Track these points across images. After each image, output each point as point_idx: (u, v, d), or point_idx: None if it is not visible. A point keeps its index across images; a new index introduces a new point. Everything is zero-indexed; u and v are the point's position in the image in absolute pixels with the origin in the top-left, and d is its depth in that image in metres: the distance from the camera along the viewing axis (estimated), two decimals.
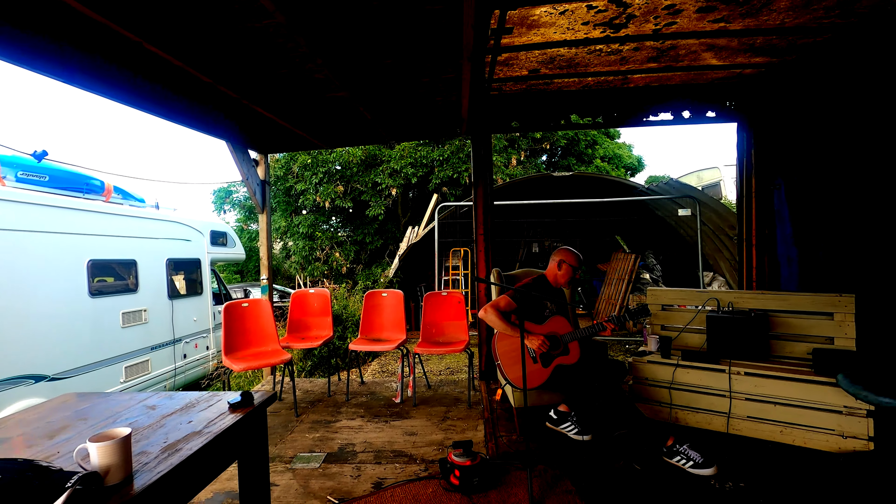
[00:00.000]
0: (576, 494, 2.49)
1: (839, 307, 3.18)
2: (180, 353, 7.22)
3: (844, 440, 2.83)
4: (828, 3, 2.92)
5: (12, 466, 1.05)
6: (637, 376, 3.43)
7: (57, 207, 5.19)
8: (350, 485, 2.72)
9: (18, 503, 0.97)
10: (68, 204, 5.35)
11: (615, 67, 3.95)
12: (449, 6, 2.40)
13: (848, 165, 3.71)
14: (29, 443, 1.35)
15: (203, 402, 1.66)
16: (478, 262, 4.64)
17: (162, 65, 2.94)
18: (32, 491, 1.00)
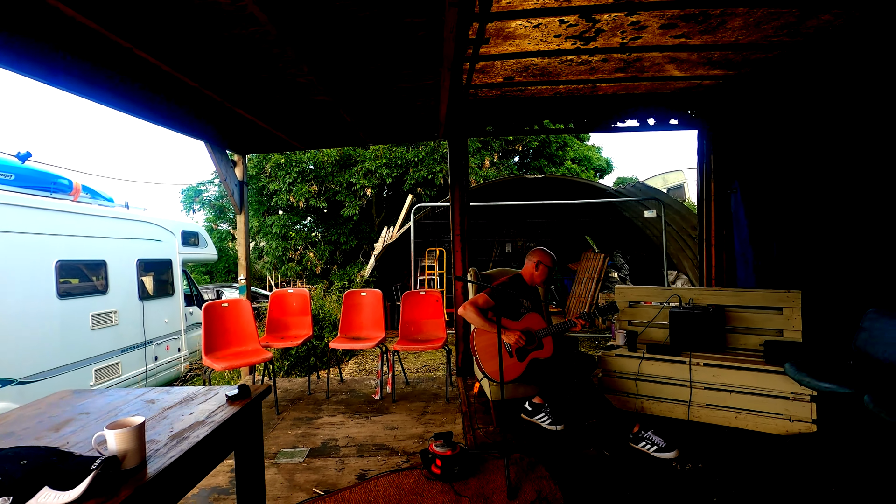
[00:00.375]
0: (550, 479, 2.66)
1: (787, 302, 3.47)
2: (151, 356, 7.10)
3: (791, 423, 3.09)
4: (776, 23, 3.18)
5: (36, 452, 1.12)
6: (606, 369, 3.64)
7: (23, 207, 5.06)
8: (335, 477, 2.81)
9: (46, 484, 1.05)
10: (35, 203, 5.22)
11: (585, 76, 4.16)
12: (430, 18, 2.52)
13: (795, 172, 4.03)
14: (36, 435, 1.41)
15: (201, 395, 1.74)
16: (455, 262, 4.78)
17: (148, 68, 2.96)
18: (58, 473, 1.08)
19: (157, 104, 3.36)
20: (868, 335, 2.95)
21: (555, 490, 2.55)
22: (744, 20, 3.15)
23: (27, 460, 1.09)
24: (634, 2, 2.83)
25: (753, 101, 4.34)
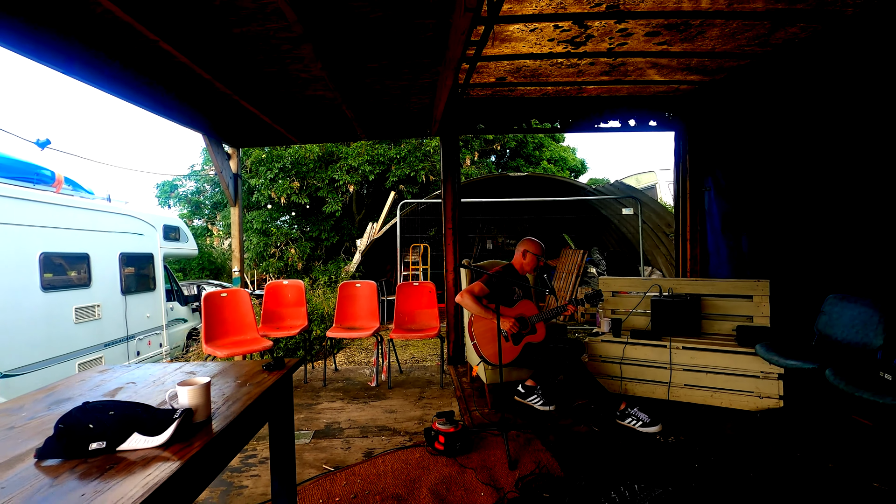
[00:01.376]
0: (546, 451, 2.87)
1: (757, 290, 3.77)
2: (134, 350, 7.02)
3: (761, 400, 3.39)
4: (749, 34, 3.47)
5: (121, 405, 1.24)
6: (592, 354, 3.88)
7: (7, 197, 4.97)
8: (342, 455, 2.95)
9: (136, 431, 1.17)
10: (19, 194, 5.13)
11: (572, 78, 4.39)
12: (440, 20, 2.69)
13: (763, 171, 4.35)
14: (95, 398, 1.51)
15: (237, 366, 1.86)
16: (446, 255, 4.95)
17: (156, 57, 3.02)
18: (144, 422, 1.20)
19: (161, 95, 3.42)
20: (828, 318, 3.27)
21: (552, 461, 2.75)
22: (720, 30, 3.42)
23: (114, 411, 1.21)
24: (624, 10, 3.06)
25: (726, 106, 4.66)
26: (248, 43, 2.88)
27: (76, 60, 2.61)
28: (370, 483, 2.60)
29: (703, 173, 5.03)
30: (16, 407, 1.50)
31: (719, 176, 4.86)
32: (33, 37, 2.37)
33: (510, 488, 2.46)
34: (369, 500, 2.42)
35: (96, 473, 1.05)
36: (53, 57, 2.45)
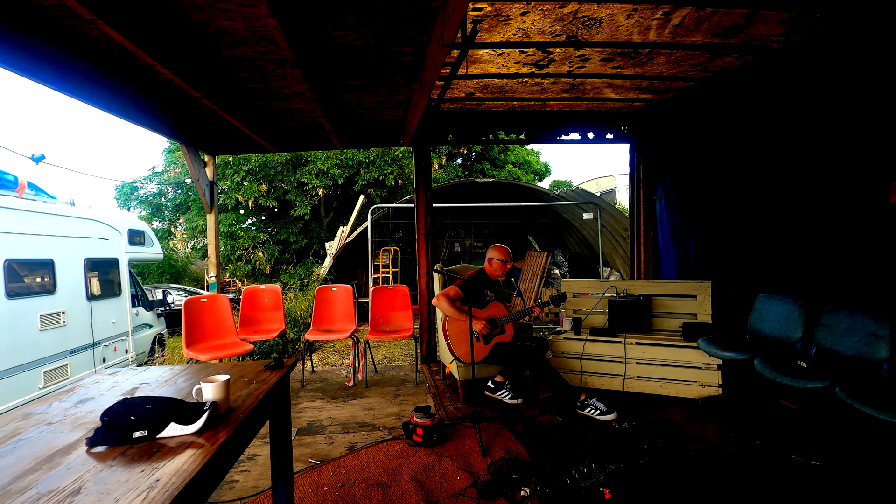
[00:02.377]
0: (515, 439, 3.16)
1: (700, 291, 4.21)
2: (100, 357, 6.90)
3: (703, 388, 3.80)
4: (692, 61, 3.89)
5: (156, 399, 1.43)
6: (555, 351, 4.21)
7: None
8: (326, 450, 3.15)
9: (173, 420, 1.37)
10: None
11: (536, 95, 4.73)
12: (417, 48, 2.95)
13: (704, 182, 4.82)
14: (117, 397, 1.69)
15: (241, 366, 2.05)
16: (419, 259, 5.20)
17: (144, 73, 3.14)
18: (179, 413, 1.40)
19: (143, 107, 3.52)
20: (758, 314, 3.72)
21: (520, 447, 3.05)
22: (667, 57, 3.82)
23: (152, 404, 1.40)
24: (581, 40, 3.40)
25: (674, 122, 5.12)
26: (235, 63, 3.05)
27: (70, 76, 2.71)
28: (355, 473, 2.82)
29: (655, 183, 5.48)
30: (43, 406, 1.66)
31: (668, 185, 5.31)
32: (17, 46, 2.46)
33: (483, 472, 2.74)
34: (356, 488, 2.65)
35: (145, 456, 1.26)
36: (48, 75, 2.55)
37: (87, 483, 1.11)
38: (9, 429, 1.46)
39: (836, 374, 2.83)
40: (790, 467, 2.72)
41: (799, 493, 2.43)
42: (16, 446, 1.33)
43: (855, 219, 3.22)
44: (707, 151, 4.79)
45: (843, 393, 2.55)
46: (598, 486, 2.31)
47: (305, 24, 2.58)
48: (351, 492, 2.61)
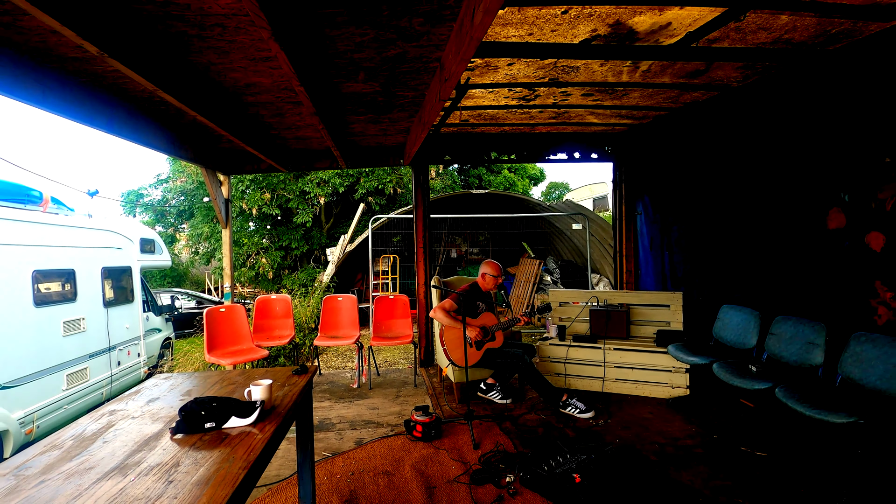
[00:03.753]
0: (504, 434, 3.60)
1: (673, 301, 4.65)
2: (115, 361, 7.30)
3: (673, 389, 4.24)
4: (664, 95, 4.33)
5: (221, 399, 1.86)
6: (542, 355, 4.65)
7: (3, 219, 5.28)
8: (337, 444, 3.58)
9: (233, 414, 1.80)
10: (13, 216, 5.43)
11: (526, 121, 5.17)
12: (418, 93, 3.38)
13: (677, 200, 5.26)
14: (179, 399, 2.11)
15: (273, 371, 2.48)
16: (417, 271, 5.63)
17: (167, 109, 3.56)
18: (237, 408, 1.82)
19: (171, 139, 3.95)
20: (721, 323, 4.16)
21: (508, 442, 3.48)
22: (641, 93, 4.27)
23: (216, 402, 1.82)
24: (563, 81, 3.84)
25: (651, 145, 5.57)
26: (258, 105, 3.47)
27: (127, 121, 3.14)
28: (363, 464, 3.24)
29: (636, 199, 5.93)
30: (122, 404, 2.08)
31: (647, 202, 5.76)
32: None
33: (475, 463, 3.16)
34: (364, 476, 3.07)
35: (217, 441, 1.68)
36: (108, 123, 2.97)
37: (183, 459, 1.54)
38: (103, 421, 1.88)
39: (781, 377, 3.27)
40: (739, 457, 3.16)
41: (740, 477, 2.87)
42: (116, 434, 1.75)
43: (801, 240, 3.67)
44: (680, 173, 5.23)
45: (780, 393, 2.99)
46: (571, 473, 2.74)
47: (324, 82, 3.01)
48: (360, 479, 3.03)
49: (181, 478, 1.42)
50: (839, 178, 3.34)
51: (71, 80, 2.72)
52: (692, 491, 2.75)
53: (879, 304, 3.07)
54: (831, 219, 3.40)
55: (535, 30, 2.78)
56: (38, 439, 5.12)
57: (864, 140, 3.15)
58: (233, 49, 2.40)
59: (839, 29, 2.89)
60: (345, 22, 2.18)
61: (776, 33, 2.95)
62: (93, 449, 1.64)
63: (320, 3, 2.03)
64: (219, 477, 1.41)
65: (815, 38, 3.02)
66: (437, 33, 2.38)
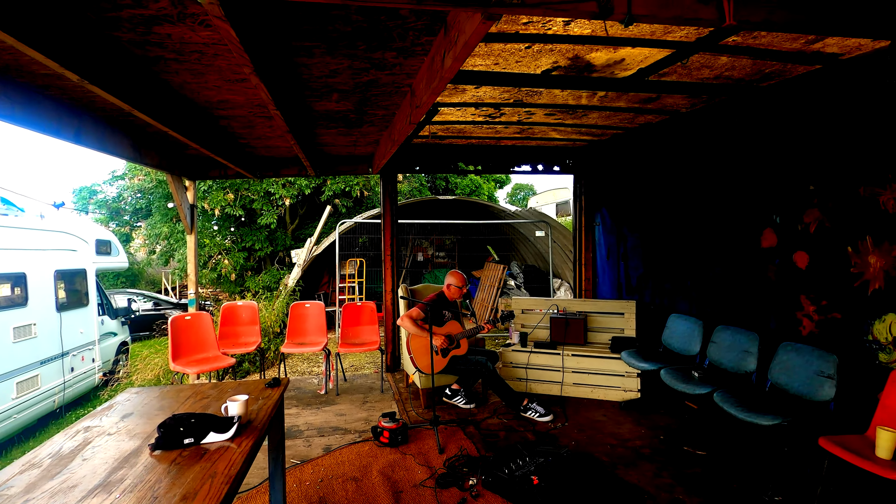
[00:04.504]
0: (468, 439, 3.77)
1: (626, 309, 4.95)
2: (68, 367, 7.05)
3: (625, 393, 4.53)
4: (620, 117, 4.61)
5: (198, 415, 1.93)
6: (504, 361, 4.86)
7: None
8: (305, 451, 3.66)
9: (211, 430, 1.88)
10: None
11: (491, 135, 5.37)
12: (389, 111, 3.51)
13: (629, 212, 5.59)
14: (157, 412, 2.16)
15: (246, 384, 2.55)
16: (385, 277, 5.74)
17: (133, 120, 3.54)
18: (215, 424, 1.91)
19: (137, 149, 3.92)
20: (669, 332, 4.48)
21: (472, 446, 3.66)
22: (599, 114, 4.54)
23: (194, 419, 1.90)
24: (527, 103, 4.05)
25: (609, 160, 5.88)
26: (229, 118, 3.51)
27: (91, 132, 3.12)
28: (332, 470, 3.34)
29: (594, 211, 6.24)
30: (95, 420, 2.12)
31: (605, 214, 6.08)
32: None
33: (440, 467, 3.32)
34: (333, 483, 3.17)
35: (198, 456, 1.77)
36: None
37: (165, 475, 1.62)
38: (79, 439, 1.93)
39: (720, 382, 3.59)
40: (681, 456, 3.44)
41: (682, 475, 3.15)
42: (94, 451, 1.81)
43: (739, 256, 4.01)
44: (634, 188, 5.56)
45: (718, 398, 3.29)
46: (529, 475, 2.94)
47: (298, 102, 3.09)
48: (329, 485, 3.13)
49: (166, 494, 1.51)
50: (772, 200, 3.68)
51: (39, 93, 2.70)
52: (638, 489, 3.00)
53: (804, 316, 3.43)
54: (765, 238, 3.74)
55: (500, 60, 2.96)
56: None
57: (792, 168, 3.50)
58: (209, 71, 2.45)
59: (772, 69, 3.21)
60: (322, 53, 2.29)
61: (718, 70, 3.24)
62: (73, 467, 1.70)
63: (299, 37, 2.13)
64: (203, 492, 1.51)
65: (752, 76, 3.33)
66: (409, 64, 2.52)
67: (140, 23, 1.87)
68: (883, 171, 2.88)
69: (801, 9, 1.63)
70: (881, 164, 2.88)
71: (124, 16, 1.82)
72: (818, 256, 3.31)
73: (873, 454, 2.49)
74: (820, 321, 3.31)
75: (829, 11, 1.67)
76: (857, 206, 3.05)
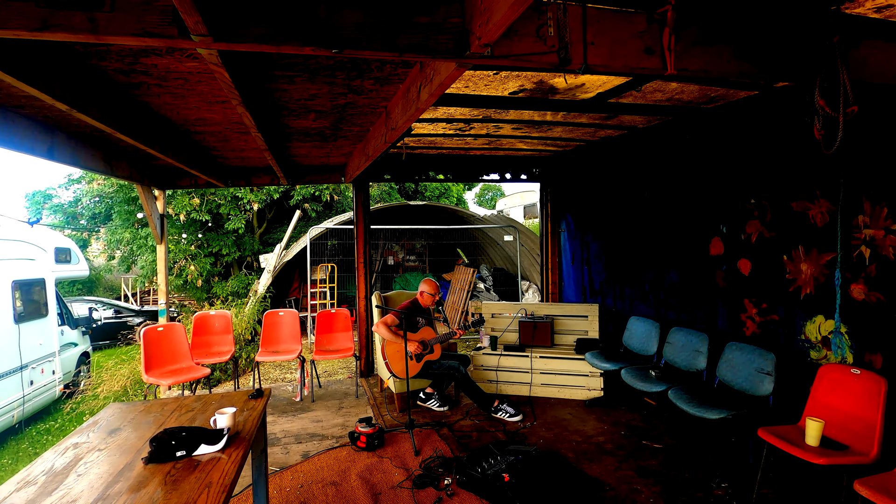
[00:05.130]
0: (442, 440, 3.94)
1: (590, 312, 5.24)
2: (27, 380, 6.83)
3: (590, 392, 4.81)
4: (582, 131, 4.88)
5: (189, 428, 2.03)
6: (476, 364, 5.05)
7: None
8: (283, 458, 3.74)
9: (203, 442, 1.99)
10: None
11: (461, 145, 5.55)
12: (363, 127, 3.64)
13: (594, 221, 5.89)
14: (153, 426, 2.24)
15: (229, 396, 2.64)
16: (358, 283, 5.85)
17: (102, 135, 3.55)
18: (206, 436, 2.01)
19: (109, 162, 3.91)
20: (629, 333, 4.78)
21: (446, 447, 3.83)
22: (563, 129, 4.79)
23: (185, 432, 1.99)
24: (495, 118, 4.25)
25: (573, 170, 6.17)
26: (206, 134, 3.56)
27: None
28: (311, 476, 3.45)
29: (560, 217, 6.52)
30: (83, 437, 2.18)
31: (570, 220, 6.37)
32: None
33: (416, 468, 3.48)
34: (313, 488, 3.29)
35: (191, 467, 1.87)
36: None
37: (162, 487, 1.73)
38: (69, 455, 1.99)
39: (675, 380, 3.88)
40: (640, 450, 3.72)
41: (640, 467, 3.42)
42: (87, 467, 1.89)
43: (691, 262, 4.34)
44: (596, 196, 5.86)
45: (672, 394, 3.57)
46: (501, 473, 3.14)
47: (276, 121, 3.19)
48: (309, 491, 3.24)
49: (166, 502, 1.62)
50: (719, 212, 4.01)
51: (14, 112, 2.70)
52: (600, 482, 3.25)
53: (747, 318, 3.76)
54: (713, 246, 4.07)
55: (471, 84, 3.14)
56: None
57: (736, 182, 3.83)
58: (190, 94, 2.53)
59: (717, 93, 3.52)
60: (303, 81, 2.42)
61: (669, 94, 3.53)
62: (69, 483, 1.77)
63: (283, 68, 2.25)
64: (202, 499, 1.63)
65: (699, 100, 3.64)
66: (386, 90, 2.67)
67: (128, 55, 1.96)
68: (811, 189, 3.22)
69: (731, 62, 1.88)
70: (809, 183, 3.22)
71: (113, 49, 1.90)
72: (759, 264, 3.65)
73: (804, 442, 2.80)
74: (761, 322, 3.64)
75: (753, 64, 1.92)
76: (791, 219, 3.39)
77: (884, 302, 2.86)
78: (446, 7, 1.52)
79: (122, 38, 1.28)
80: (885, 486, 2.31)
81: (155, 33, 1.27)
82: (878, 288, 2.89)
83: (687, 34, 1.85)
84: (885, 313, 2.85)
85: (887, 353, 2.85)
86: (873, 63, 2.14)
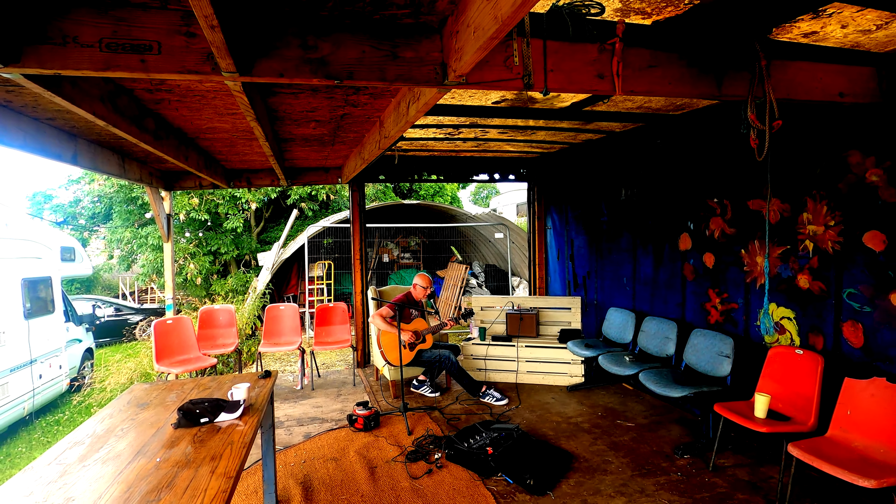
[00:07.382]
0: (433, 422, 4.28)
1: (573, 304, 5.58)
2: (37, 374, 7.10)
3: (571, 378, 5.15)
4: (564, 135, 5.22)
5: (210, 399, 2.35)
6: (466, 353, 5.39)
7: None
8: (287, 438, 4.07)
9: (223, 411, 2.31)
10: None
11: (452, 148, 5.88)
12: (359, 134, 3.96)
13: (576, 217, 6.24)
14: (178, 399, 2.55)
15: (241, 376, 2.96)
16: (354, 282, 6.17)
17: (125, 144, 3.86)
18: (225, 406, 2.33)
19: (124, 166, 4.22)
20: (608, 323, 5.13)
21: (436, 428, 4.16)
22: (546, 133, 5.12)
23: (207, 402, 2.32)
24: (481, 124, 4.58)
25: (557, 170, 6.51)
26: (214, 140, 3.87)
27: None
28: (313, 453, 3.78)
29: (546, 215, 6.86)
30: (116, 410, 2.50)
31: (555, 218, 6.71)
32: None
33: (409, 445, 3.81)
34: (315, 463, 3.61)
35: (214, 431, 2.19)
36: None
37: (192, 444, 2.05)
38: (107, 423, 2.31)
39: (647, 364, 4.23)
40: (615, 428, 4.07)
41: (613, 443, 3.77)
42: (125, 431, 2.21)
43: (663, 256, 4.69)
44: (578, 195, 6.20)
45: (643, 377, 3.92)
46: (485, 447, 3.48)
47: (279, 129, 3.51)
48: (312, 465, 3.57)
49: (196, 456, 1.94)
50: (687, 210, 4.36)
51: (46, 124, 3.00)
52: (575, 455, 3.59)
53: (712, 307, 4.11)
54: (682, 241, 4.42)
55: (457, 95, 3.46)
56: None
57: (700, 183, 4.18)
58: (205, 108, 2.84)
59: (682, 102, 3.86)
60: (306, 96, 2.73)
61: (638, 103, 3.87)
62: (111, 442, 2.09)
63: (289, 87, 2.57)
64: (226, 454, 1.95)
65: (667, 108, 3.98)
66: (379, 102, 2.99)
67: (158, 80, 2.27)
68: (760, 189, 3.57)
69: (672, 84, 2.21)
70: (761, 184, 3.57)
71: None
72: (721, 257, 4.00)
73: (753, 415, 3.15)
74: (723, 311, 4.00)
75: (693, 86, 2.26)
76: (748, 216, 3.74)
77: (825, 290, 3.22)
78: (428, 43, 1.84)
79: (167, 75, 1.59)
80: (815, 448, 2.67)
81: (193, 70, 1.58)
82: (820, 278, 3.25)
83: (635, 60, 2.19)
84: (825, 300, 3.21)
85: (826, 335, 3.21)
86: (800, 81, 2.49)
